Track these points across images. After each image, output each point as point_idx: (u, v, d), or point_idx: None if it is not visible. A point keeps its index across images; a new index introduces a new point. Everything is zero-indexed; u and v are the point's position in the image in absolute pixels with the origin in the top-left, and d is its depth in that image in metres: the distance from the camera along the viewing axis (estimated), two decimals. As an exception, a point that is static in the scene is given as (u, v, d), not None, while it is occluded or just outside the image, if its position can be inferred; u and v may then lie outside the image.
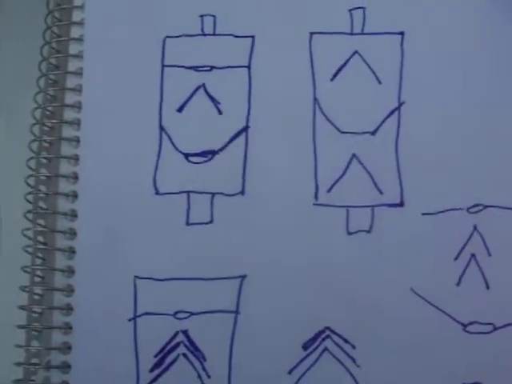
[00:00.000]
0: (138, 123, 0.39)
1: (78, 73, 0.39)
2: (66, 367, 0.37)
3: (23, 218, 0.38)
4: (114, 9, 0.40)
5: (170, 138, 0.39)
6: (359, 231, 0.37)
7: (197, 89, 0.39)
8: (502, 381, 0.36)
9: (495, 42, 0.38)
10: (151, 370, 0.37)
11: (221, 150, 0.38)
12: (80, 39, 0.40)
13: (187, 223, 0.38)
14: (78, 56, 0.40)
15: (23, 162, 0.39)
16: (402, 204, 0.37)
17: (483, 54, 0.38)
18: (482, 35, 0.38)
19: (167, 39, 0.39)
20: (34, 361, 0.38)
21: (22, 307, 0.38)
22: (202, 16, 0.39)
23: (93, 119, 0.39)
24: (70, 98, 0.39)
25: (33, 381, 0.37)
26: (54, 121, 0.39)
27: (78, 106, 0.39)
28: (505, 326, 0.36)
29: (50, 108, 0.39)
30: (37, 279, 0.38)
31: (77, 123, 0.39)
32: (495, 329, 0.36)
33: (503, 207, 0.37)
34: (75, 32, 0.40)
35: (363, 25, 0.39)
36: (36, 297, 0.38)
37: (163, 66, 0.39)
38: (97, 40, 0.40)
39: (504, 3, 0.38)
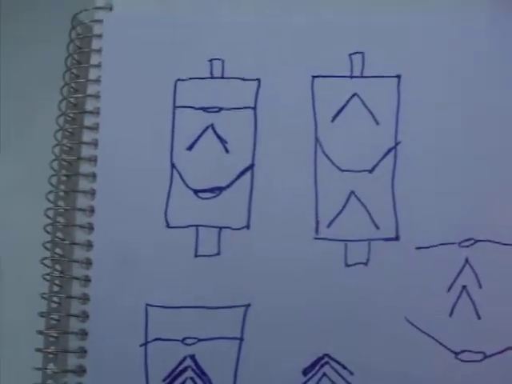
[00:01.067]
0: (151, 160, 0.40)
1: (95, 112, 0.41)
2: None
3: (42, 247, 0.39)
4: (130, 53, 0.41)
5: (181, 175, 0.40)
6: (357, 263, 0.38)
7: (206, 128, 0.40)
8: (492, 408, 0.36)
9: (492, 85, 0.39)
10: None
11: (228, 186, 0.39)
12: (98, 80, 0.41)
13: (196, 255, 0.39)
14: (96, 96, 0.41)
15: (43, 195, 0.40)
16: (397, 238, 0.38)
17: (477, 96, 0.39)
18: (478, 78, 0.39)
19: (178, 82, 0.40)
20: (49, 382, 0.38)
21: (39, 332, 0.38)
22: (211, 60, 0.40)
23: (109, 156, 0.40)
24: (87, 136, 0.40)
25: (48, 404, 0.38)
26: (72, 157, 0.40)
27: (94, 143, 0.40)
28: (495, 354, 0.37)
29: (68, 144, 0.41)
30: (54, 305, 0.39)
31: (94, 160, 0.40)
32: (486, 357, 0.37)
33: (493, 241, 0.37)
34: (93, 74, 0.41)
35: (362, 68, 0.40)
36: (53, 322, 0.39)
37: (175, 107, 0.40)
38: (113, 82, 0.41)
39: (502, 44, 0.40)
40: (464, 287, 0.37)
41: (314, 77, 0.40)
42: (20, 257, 0.42)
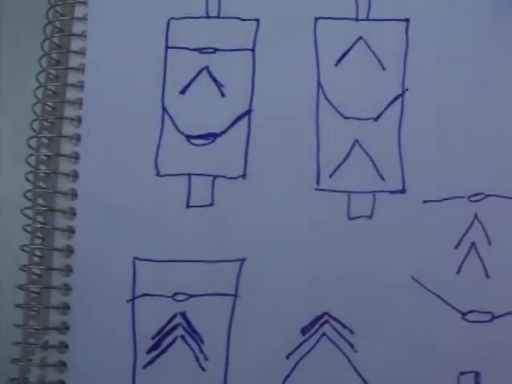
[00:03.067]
0: (141, 104, 0.39)
1: (82, 52, 0.39)
2: (63, 347, 0.37)
3: (23, 197, 0.38)
4: None
5: (173, 120, 0.39)
6: (360, 217, 0.37)
7: (200, 71, 0.39)
8: (500, 370, 0.36)
9: (502, 30, 0.38)
10: (149, 352, 0.37)
11: (223, 132, 0.38)
12: (84, 19, 0.40)
13: (188, 205, 0.38)
14: (82, 36, 0.39)
15: (24, 141, 0.39)
16: (403, 191, 0.37)
17: (488, 42, 0.38)
18: (488, 24, 0.38)
19: (171, 21, 0.39)
20: (31, 340, 0.37)
21: (20, 287, 0.38)
22: None
23: (95, 99, 0.39)
24: (72, 78, 0.39)
25: (30, 360, 0.37)
26: (55, 100, 0.39)
27: (80, 86, 0.39)
28: (504, 314, 0.36)
29: (52, 87, 0.39)
30: (35, 258, 0.38)
31: (79, 103, 0.39)
32: (494, 317, 0.36)
33: (504, 196, 0.37)
34: (79, 12, 0.40)
35: (368, 11, 0.39)
36: (34, 276, 0.38)
37: (167, 47, 0.39)
38: (100, 20, 0.40)
39: None
40: (473, 244, 0.37)
41: (316, 18, 0.39)
42: None
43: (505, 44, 0.38)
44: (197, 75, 0.39)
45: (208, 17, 0.39)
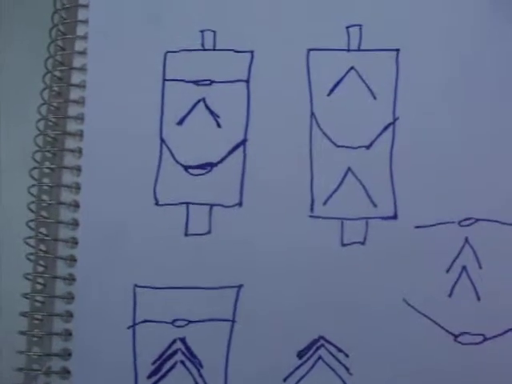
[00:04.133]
0: (140, 136, 0.39)
1: (82, 85, 0.40)
2: (65, 373, 0.37)
3: (26, 226, 0.39)
4: (117, 24, 0.40)
5: (170, 151, 0.39)
6: (353, 243, 0.37)
7: (197, 102, 0.39)
8: (492, 390, 0.36)
9: (493, 59, 0.39)
10: (149, 377, 0.37)
11: (219, 162, 0.39)
12: (84, 53, 0.40)
13: (186, 234, 0.38)
14: (82, 69, 0.40)
15: (26, 169, 0.39)
16: (395, 217, 0.37)
17: (477, 70, 0.38)
18: (477, 52, 0.39)
19: (168, 54, 0.40)
20: (34, 366, 0.38)
21: (23, 314, 0.38)
22: (202, 31, 0.40)
23: (96, 131, 0.39)
24: (72, 110, 0.40)
25: (33, 387, 0.37)
26: (57, 132, 0.40)
27: (80, 118, 0.39)
28: (495, 336, 0.36)
29: (53, 119, 0.40)
30: (38, 286, 0.39)
31: (80, 134, 0.39)
32: (485, 339, 0.36)
33: (494, 221, 0.37)
34: (79, 45, 0.40)
35: (360, 41, 0.39)
36: (37, 304, 0.38)
37: (164, 79, 0.40)
38: (99, 54, 0.40)
39: (500, 21, 0.39)
40: (464, 267, 0.37)
41: (309, 50, 0.39)
42: (3, 235, 0.40)
43: (494, 71, 0.38)
44: (193, 107, 0.39)
45: (204, 49, 0.40)
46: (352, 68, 0.39)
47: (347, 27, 0.39)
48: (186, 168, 0.39)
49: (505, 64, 0.38)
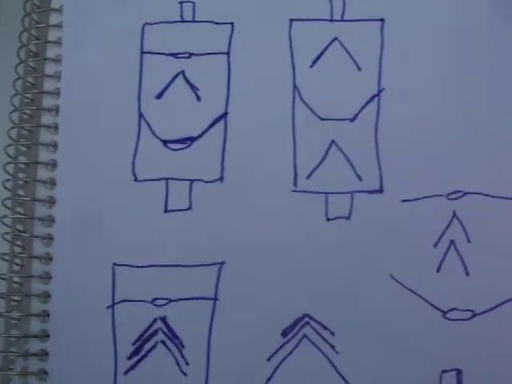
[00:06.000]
0: (117, 110, 0.39)
1: (58, 60, 0.39)
2: (43, 355, 0.37)
3: (1, 205, 0.38)
4: None
5: (149, 125, 0.39)
6: (338, 217, 0.37)
7: (176, 75, 0.39)
8: (482, 367, 0.36)
9: (480, 29, 0.38)
10: (129, 358, 0.37)
11: (199, 136, 0.38)
12: (59, 26, 0.40)
13: (166, 210, 0.38)
14: (57, 43, 0.40)
15: (1, 149, 0.39)
16: (381, 190, 0.37)
17: (463, 39, 0.38)
18: (464, 21, 0.38)
19: (146, 26, 0.39)
20: (12, 349, 0.37)
21: (0, 295, 0.38)
22: (181, 2, 0.39)
23: (71, 106, 0.39)
24: (48, 85, 0.39)
25: (11, 369, 0.37)
26: (32, 107, 0.39)
27: (56, 93, 0.39)
28: (484, 312, 0.36)
29: (29, 95, 0.39)
30: (15, 267, 0.38)
31: (55, 110, 0.39)
32: (474, 315, 0.36)
33: (483, 194, 0.37)
34: (54, 19, 0.40)
35: (343, 12, 0.39)
36: (14, 285, 0.38)
37: (142, 52, 0.39)
38: (75, 27, 0.40)
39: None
40: (452, 242, 0.37)
41: (291, 20, 0.39)
42: None
43: (481, 40, 0.38)
44: (172, 80, 0.39)
45: (183, 21, 0.39)
46: (335, 39, 0.39)
47: None
48: (166, 143, 0.38)
49: (492, 31, 0.38)
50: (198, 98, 0.39)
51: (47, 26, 0.40)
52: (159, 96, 0.39)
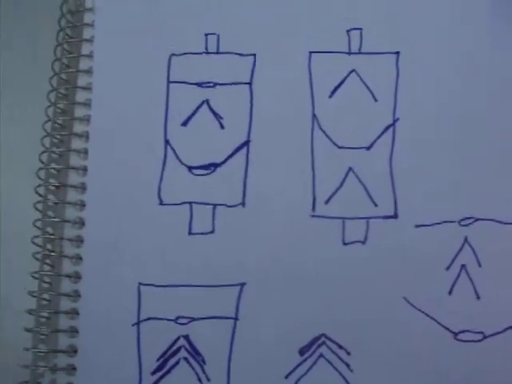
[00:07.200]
0: (145, 137, 0.40)
1: (88, 88, 0.40)
2: (71, 369, 0.38)
3: (33, 226, 0.39)
4: (122, 27, 0.41)
5: (175, 151, 0.40)
6: (355, 242, 0.38)
7: (201, 104, 0.40)
8: (492, 387, 0.36)
9: (492, 61, 0.39)
10: (153, 373, 0.37)
11: (223, 162, 0.39)
12: (90, 55, 0.41)
13: (190, 233, 0.39)
14: (88, 72, 0.41)
15: (33, 172, 0.40)
16: (396, 216, 0.38)
17: (477, 72, 0.39)
18: (477, 55, 0.39)
19: (173, 57, 0.40)
20: (40, 363, 0.38)
21: (30, 312, 0.39)
22: (206, 35, 0.41)
23: (101, 132, 0.40)
24: (79, 111, 0.40)
25: (39, 383, 0.38)
26: (63, 133, 0.40)
27: (86, 119, 0.40)
28: (494, 334, 0.37)
29: (59, 120, 0.40)
30: (44, 285, 0.39)
31: (86, 135, 0.40)
32: (485, 337, 0.37)
33: (493, 220, 0.37)
34: (85, 48, 0.41)
35: (360, 45, 0.40)
36: (44, 302, 0.39)
37: (169, 82, 0.40)
38: (105, 56, 0.41)
39: (501, 24, 0.39)
40: (463, 266, 0.37)
41: (311, 52, 0.40)
42: (10, 235, 0.41)
43: (494, 74, 0.39)
44: (197, 108, 0.40)
45: (207, 52, 0.40)
46: (353, 71, 0.40)
47: (348, 30, 0.40)
48: (190, 168, 0.39)
49: (505, 66, 0.39)
50: (222, 126, 0.40)
51: (79, 55, 0.41)
52: (185, 124, 0.40)
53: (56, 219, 0.40)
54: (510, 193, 0.38)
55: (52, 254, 0.39)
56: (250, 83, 0.40)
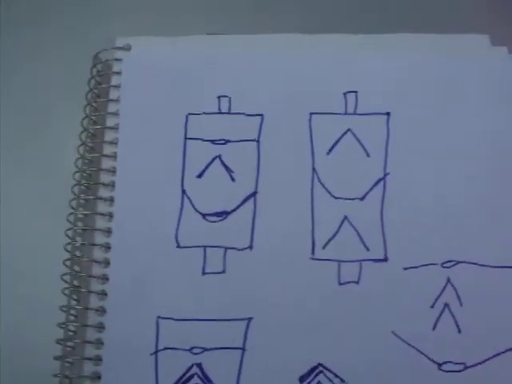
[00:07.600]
0: (164, 187, 0.42)
1: (114, 142, 0.43)
2: None
3: (62, 264, 0.41)
4: (146, 89, 0.44)
5: (190, 200, 0.42)
6: (349, 282, 0.40)
7: (214, 159, 0.43)
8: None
9: (476, 121, 0.42)
10: None
11: (233, 210, 0.42)
12: (116, 114, 0.44)
13: (203, 272, 0.41)
14: (114, 128, 0.43)
15: (64, 216, 0.42)
16: (386, 259, 0.41)
17: (461, 130, 0.42)
18: (462, 114, 0.42)
19: (189, 116, 0.43)
20: (68, 385, 0.40)
21: (58, 341, 0.40)
22: (219, 97, 0.44)
23: (126, 182, 0.42)
24: (105, 164, 0.43)
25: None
26: (90, 182, 0.43)
27: (112, 171, 0.43)
28: (475, 365, 0.39)
29: (87, 172, 0.43)
30: (71, 317, 0.41)
31: (112, 184, 0.43)
32: (466, 367, 0.39)
33: (472, 263, 0.40)
34: (112, 107, 0.44)
35: (355, 106, 0.43)
36: (71, 333, 0.41)
37: (186, 138, 0.43)
38: (130, 115, 0.43)
39: (486, 85, 0.43)
40: (446, 304, 0.40)
41: (311, 113, 0.43)
42: (40, 271, 0.43)
43: (478, 128, 0.42)
44: (211, 162, 0.42)
45: (220, 113, 0.43)
46: (349, 130, 0.43)
47: (344, 93, 0.43)
48: (204, 215, 0.42)
49: (492, 123, 0.42)
50: (233, 179, 0.42)
51: (106, 113, 0.44)
52: (200, 176, 0.42)
53: (84, 259, 0.42)
54: (487, 239, 0.41)
55: (79, 289, 0.41)
56: (257, 140, 0.43)
